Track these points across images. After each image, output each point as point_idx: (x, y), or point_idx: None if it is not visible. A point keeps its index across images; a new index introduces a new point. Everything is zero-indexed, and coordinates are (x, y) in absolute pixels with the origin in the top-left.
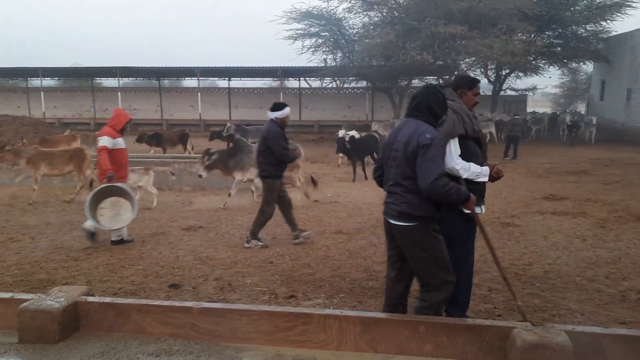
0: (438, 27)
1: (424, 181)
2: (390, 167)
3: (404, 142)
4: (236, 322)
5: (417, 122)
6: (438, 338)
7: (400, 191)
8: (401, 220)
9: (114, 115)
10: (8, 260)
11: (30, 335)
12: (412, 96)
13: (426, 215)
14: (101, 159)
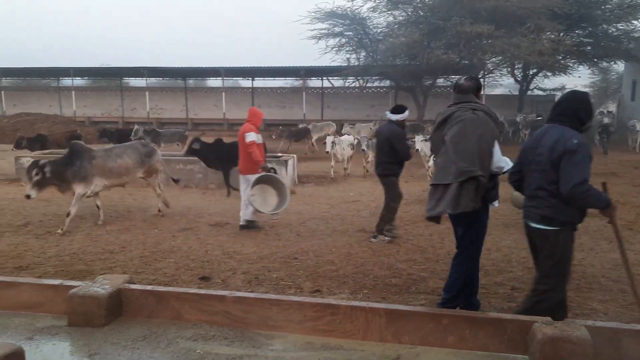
0: (464, 27)
1: (565, 186)
2: (534, 171)
3: (549, 146)
4: (267, 311)
5: (563, 127)
6: (461, 331)
7: (545, 195)
8: (543, 224)
9: (252, 114)
10: (48, 252)
11: (79, 319)
12: (557, 101)
13: (570, 220)
14: (254, 152)
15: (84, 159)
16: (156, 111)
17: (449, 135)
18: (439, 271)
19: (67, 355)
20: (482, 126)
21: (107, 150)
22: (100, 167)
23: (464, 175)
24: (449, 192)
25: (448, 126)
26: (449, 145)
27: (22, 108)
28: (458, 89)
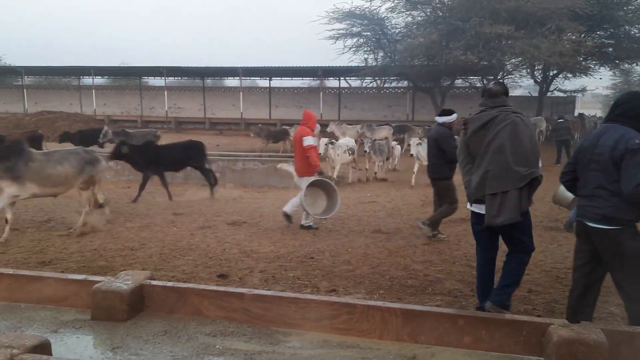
0: (483, 27)
1: (626, 185)
2: (592, 170)
3: (610, 146)
4: (285, 309)
5: (624, 127)
6: (477, 331)
7: (605, 194)
8: (604, 224)
9: (307, 117)
10: (70, 248)
11: (102, 313)
12: (617, 102)
13: (630, 219)
14: (312, 156)
15: (21, 159)
16: (174, 110)
17: (499, 139)
18: (455, 273)
19: (90, 348)
20: (528, 128)
21: (46, 154)
22: (36, 172)
23: (526, 180)
24: (510, 199)
25: (492, 130)
26: (502, 149)
27: (43, 106)
28: (489, 93)
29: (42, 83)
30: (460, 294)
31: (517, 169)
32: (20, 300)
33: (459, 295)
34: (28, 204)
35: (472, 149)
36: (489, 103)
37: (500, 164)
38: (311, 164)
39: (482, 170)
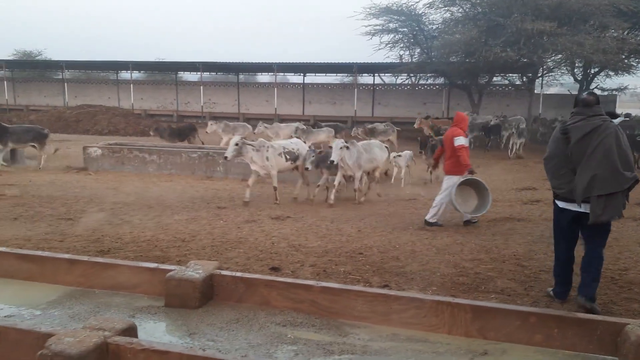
0: (525, 24)
1: None
2: None
3: None
4: (352, 302)
5: None
6: (549, 329)
7: None
8: None
9: (460, 119)
10: (124, 238)
11: (175, 300)
12: None
13: None
14: (463, 155)
15: None
16: (209, 105)
17: (605, 145)
18: (507, 271)
19: (168, 334)
20: (624, 135)
21: None
22: None
23: (630, 182)
24: (615, 199)
25: (597, 138)
26: (609, 155)
27: (82, 100)
28: (584, 103)
29: (82, 77)
30: (513, 293)
31: (624, 172)
32: (94, 286)
33: (512, 294)
34: (78, 194)
35: (575, 155)
36: (586, 112)
37: (608, 168)
38: (462, 163)
39: (589, 174)
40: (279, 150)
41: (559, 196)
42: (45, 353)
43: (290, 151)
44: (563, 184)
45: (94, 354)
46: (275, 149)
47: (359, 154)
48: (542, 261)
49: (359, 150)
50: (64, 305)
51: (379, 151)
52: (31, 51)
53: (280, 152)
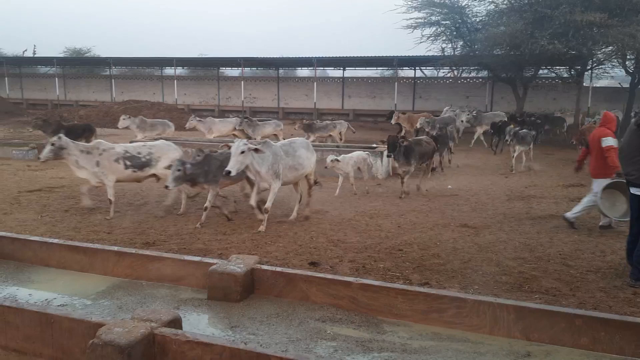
0: (574, 15)
1: None
2: None
3: None
4: (392, 299)
5: None
6: (595, 332)
7: None
8: None
9: (608, 119)
10: (168, 231)
11: (217, 293)
12: None
13: None
14: (611, 156)
15: None
16: (250, 100)
17: None
18: (552, 271)
19: (211, 326)
20: None
21: None
22: None
23: None
24: None
25: None
26: None
27: (128, 95)
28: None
29: (128, 73)
30: (559, 293)
31: None
32: (140, 278)
33: (557, 295)
34: (125, 187)
35: None
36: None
37: None
38: (609, 165)
39: None
40: (117, 155)
41: (630, 182)
42: (96, 342)
43: (134, 156)
44: (634, 171)
45: (141, 344)
46: (111, 153)
47: (276, 159)
48: (589, 261)
49: (276, 153)
50: (113, 296)
51: (306, 153)
52: (80, 48)
53: (118, 157)
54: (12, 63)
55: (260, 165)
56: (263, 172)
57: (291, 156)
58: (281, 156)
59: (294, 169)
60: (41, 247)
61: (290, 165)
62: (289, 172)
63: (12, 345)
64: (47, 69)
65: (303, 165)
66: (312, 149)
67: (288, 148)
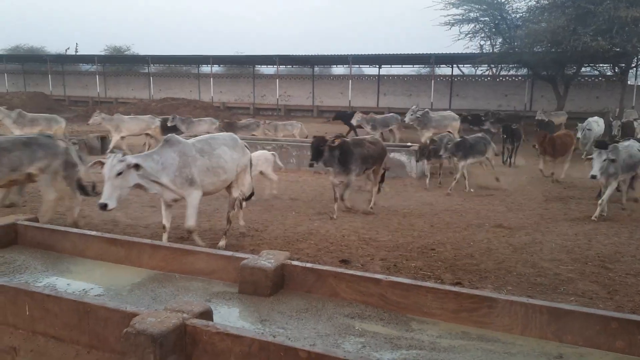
0: (619, 11)
1: None
2: None
3: None
4: (422, 298)
5: None
6: (631, 336)
7: None
8: None
9: None
10: (202, 226)
11: (248, 287)
12: None
13: None
14: None
15: None
16: (285, 98)
17: None
18: (589, 273)
19: (241, 319)
20: None
21: None
22: None
23: None
24: None
25: None
26: None
27: (166, 93)
28: None
29: (165, 71)
30: (595, 296)
31: None
32: (174, 271)
33: (594, 297)
34: None
35: None
36: None
37: None
38: None
39: None
40: None
41: None
42: (129, 331)
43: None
44: None
45: (173, 334)
46: None
47: (185, 160)
48: (629, 264)
49: (185, 152)
50: (147, 288)
51: (230, 152)
52: (120, 47)
53: None
54: (55, 61)
55: (160, 173)
56: (166, 182)
57: (208, 155)
58: (194, 156)
59: (212, 173)
60: (80, 238)
61: (207, 167)
62: (206, 177)
63: (51, 332)
64: (88, 67)
65: (226, 168)
66: (242, 147)
67: (204, 145)
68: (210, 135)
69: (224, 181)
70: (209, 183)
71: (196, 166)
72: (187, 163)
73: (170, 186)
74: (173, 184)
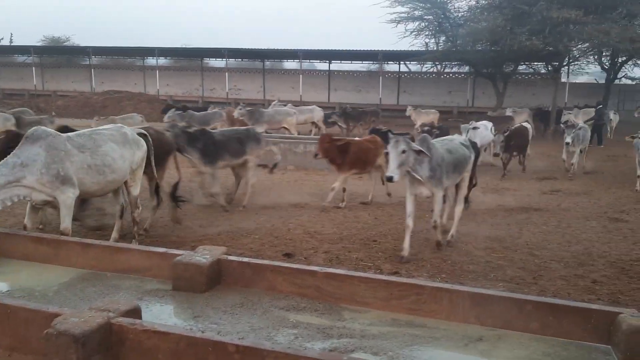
0: (551, 12)
1: None
2: None
3: None
4: (355, 288)
5: None
6: (544, 317)
7: None
8: None
9: None
10: (142, 224)
11: (182, 284)
12: None
13: None
14: None
15: None
16: (235, 92)
17: None
18: (517, 260)
19: (174, 316)
20: None
21: None
22: None
23: None
24: None
25: None
26: None
27: (109, 86)
28: None
29: (108, 63)
30: (522, 282)
31: None
32: (106, 270)
33: (521, 283)
34: None
35: None
36: None
37: None
38: None
39: None
40: None
41: None
42: (51, 332)
43: None
44: None
45: (97, 334)
46: None
47: (55, 156)
48: (554, 251)
49: (55, 146)
50: (76, 287)
51: (120, 149)
52: (59, 37)
53: None
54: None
55: (21, 174)
56: (32, 181)
57: (90, 152)
58: (68, 151)
59: (96, 172)
60: (5, 238)
61: (88, 165)
62: (88, 176)
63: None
64: (24, 58)
65: (114, 167)
66: (136, 141)
67: (86, 140)
68: (93, 129)
69: (112, 181)
70: (92, 182)
71: (72, 162)
72: (59, 158)
73: (37, 186)
74: (39, 183)
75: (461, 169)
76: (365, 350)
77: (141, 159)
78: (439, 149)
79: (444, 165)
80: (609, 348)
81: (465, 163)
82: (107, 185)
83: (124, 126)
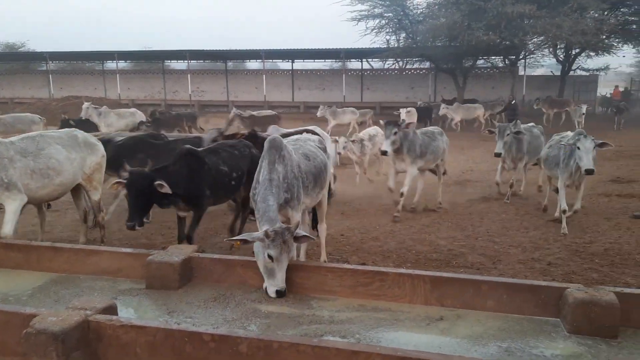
0: (505, 7)
1: None
2: None
3: None
4: (323, 277)
5: None
6: (499, 296)
7: None
8: None
9: None
10: (111, 227)
11: (155, 282)
12: None
13: None
14: None
15: None
16: (198, 93)
17: None
18: (478, 247)
19: (149, 312)
20: None
21: None
22: None
23: None
24: None
25: None
26: None
27: (68, 91)
28: None
29: (67, 68)
30: (482, 267)
31: None
32: (78, 272)
33: (481, 268)
34: None
35: None
36: None
37: None
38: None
39: None
40: None
41: None
42: (29, 331)
43: None
44: None
45: (76, 331)
46: None
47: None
48: (513, 237)
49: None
50: (50, 290)
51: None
52: (14, 43)
53: None
54: None
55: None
56: None
57: (33, 156)
58: (10, 157)
59: (40, 176)
60: None
61: (32, 169)
62: (33, 180)
63: None
64: None
65: (59, 170)
66: (88, 144)
67: (28, 144)
68: (39, 132)
69: (60, 185)
70: (38, 187)
71: (15, 168)
72: (1, 166)
73: None
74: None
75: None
76: (333, 334)
77: (96, 163)
78: None
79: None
80: (558, 321)
81: None
82: (56, 188)
83: (75, 129)
